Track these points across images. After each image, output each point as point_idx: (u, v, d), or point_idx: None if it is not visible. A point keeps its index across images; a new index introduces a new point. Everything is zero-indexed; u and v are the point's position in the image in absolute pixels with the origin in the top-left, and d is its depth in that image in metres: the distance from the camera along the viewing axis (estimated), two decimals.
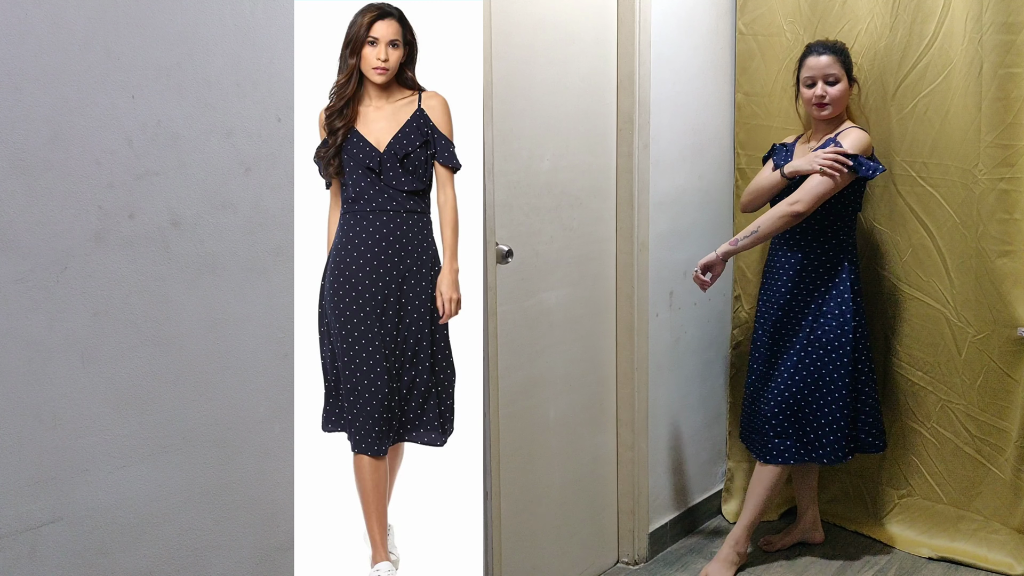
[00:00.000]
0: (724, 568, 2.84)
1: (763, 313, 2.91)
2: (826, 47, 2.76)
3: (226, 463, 1.80)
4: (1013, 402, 2.79)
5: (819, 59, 2.74)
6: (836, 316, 2.73)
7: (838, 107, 2.74)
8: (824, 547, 3.05)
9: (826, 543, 3.07)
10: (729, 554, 2.85)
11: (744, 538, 2.86)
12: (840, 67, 2.72)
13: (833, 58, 2.73)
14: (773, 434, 2.78)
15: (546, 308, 2.59)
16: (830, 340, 2.73)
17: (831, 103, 2.72)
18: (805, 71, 2.76)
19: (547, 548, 2.67)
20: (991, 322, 2.79)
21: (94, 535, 1.60)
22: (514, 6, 2.39)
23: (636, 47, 2.73)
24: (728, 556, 2.85)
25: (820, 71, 2.72)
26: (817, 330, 2.74)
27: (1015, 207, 2.70)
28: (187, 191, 1.68)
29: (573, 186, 2.65)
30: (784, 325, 2.82)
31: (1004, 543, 2.85)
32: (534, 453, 2.59)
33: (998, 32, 2.65)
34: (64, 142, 1.51)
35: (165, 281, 1.66)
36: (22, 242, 1.47)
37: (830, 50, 2.75)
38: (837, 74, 2.71)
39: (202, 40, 1.68)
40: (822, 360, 2.74)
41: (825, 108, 2.73)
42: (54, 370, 1.53)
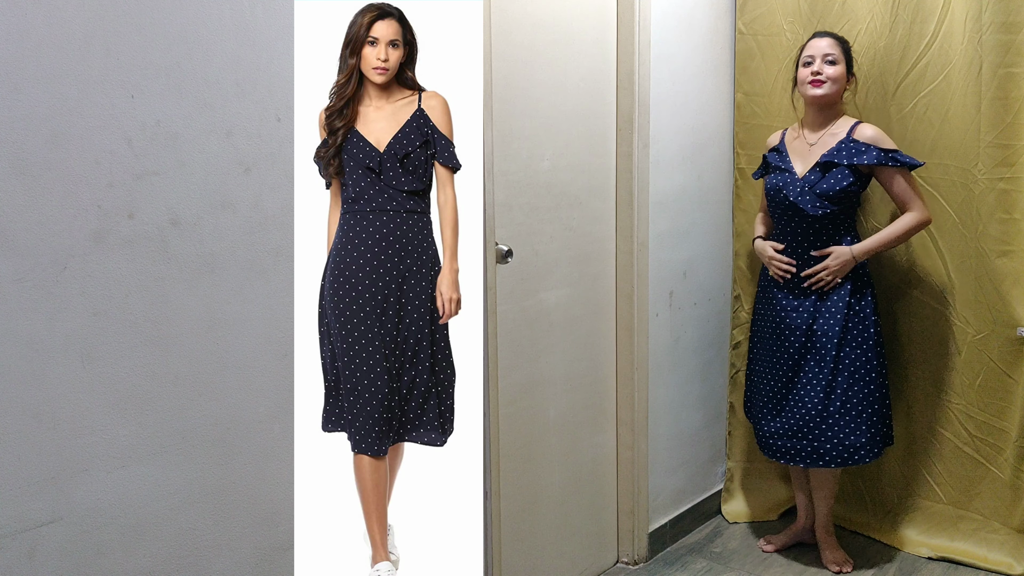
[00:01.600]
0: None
1: (779, 321, 2.82)
2: (828, 32, 2.78)
3: (226, 463, 1.79)
4: (1012, 402, 2.79)
5: (819, 40, 2.75)
6: (869, 311, 2.74)
7: (835, 88, 2.72)
8: None
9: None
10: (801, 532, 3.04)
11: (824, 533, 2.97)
12: (840, 52, 2.72)
13: (834, 41, 2.73)
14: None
15: (546, 308, 2.59)
16: (864, 338, 2.73)
17: (827, 81, 2.71)
18: (804, 52, 2.77)
19: (547, 548, 2.67)
20: (991, 322, 2.79)
21: (93, 535, 1.60)
22: (514, 6, 2.39)
23: (636, 47, 2.73)
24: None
25: (819, 51, 2.73)
26: (852, 329, 2.73)
27: (1015, 207, 2.70)
28: (187, 191, 1.68)
29: (573, 186, 2.65)
30: (814, 330, 2.76)
31: (1004, 543, 2.86)
32: (534, 453, 2.59)
33: (998, 32, 2.66)
34: (64, 142, 1.51)
35: (165, 281, 1.66)
36: (22, 242, 1.47)
37: (831, 35, 2.76)
38: (836, 56, 2.71)
39: (202, 40, 1.68)
40: (859, 357, 2.73)
41: (821, 85, 2.71)
42: (54, 370, 1.53)
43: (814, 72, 2.72)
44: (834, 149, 2.72)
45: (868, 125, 2.72)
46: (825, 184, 2.70)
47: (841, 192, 2.69)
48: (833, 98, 2.74)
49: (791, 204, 2.74)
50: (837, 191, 2.69)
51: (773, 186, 2.81)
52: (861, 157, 2.67)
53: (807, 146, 2.79)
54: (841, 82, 2.73)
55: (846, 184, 2.68)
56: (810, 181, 2.72)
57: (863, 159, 2.67)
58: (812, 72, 2.72)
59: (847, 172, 2.69)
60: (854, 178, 2.69)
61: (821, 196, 2.70)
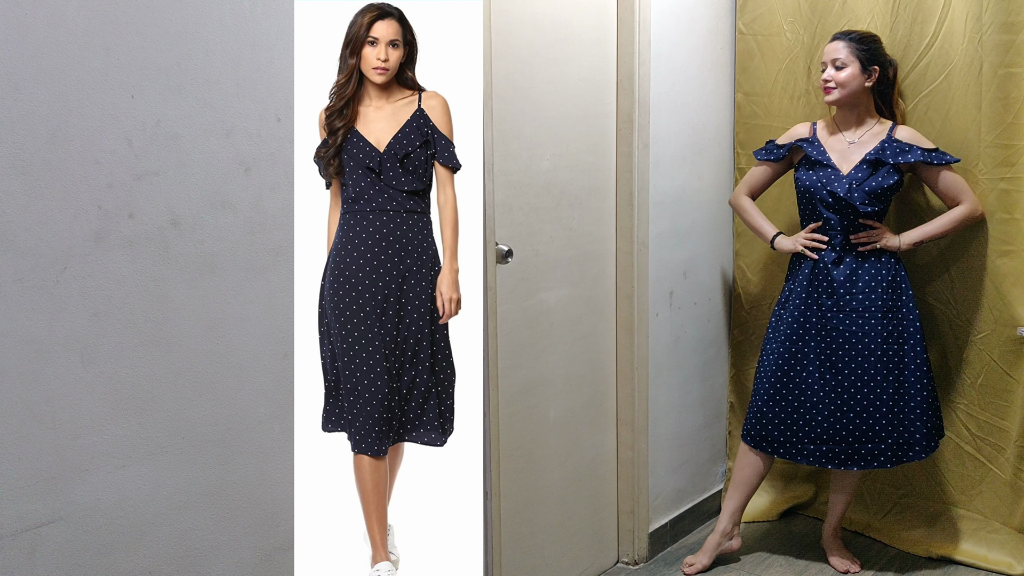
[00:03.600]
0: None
1: (821, 326, 2.77)
2: (842, 33, 2.77)
3: (226, 463, 1.79)
4: (1013, 401, 2.79)
5: (830, 44, 2.75)
6: (911, 304, 2.76)
7: (845, 92, 2.71)
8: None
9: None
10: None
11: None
12: (849, 52, 2.71)
13: (843, 43, 2.72)
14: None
15: (546, 308, 2.59)
16: (912, 333, 2.75)
17: (836, 87, 2.71)
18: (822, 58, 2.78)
19: (547, 548, 2.67)
20: (991, 322, 2.79)
21: (94, 535, 1.60)
22: (514, 6, 2.39)
23: (636, 47, 2.73)
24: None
25: (828, 55, 2.74)
26: (901, 326, 2.74)
27: (1015, 207, 2.70)
28: (187, 191, 1.68)
29: (573, 186, 2.65)
30: (859, 332, 2.74)
31: (1004, 543, 2.85)
32: (534, 453, 2.59)
33: (998, 32, 2.66)
34: (64, 142, 1.51)
35: (165, 281, 1.66)
36: (22, 242, 1.47)
37: (843, 36, 2.75)
38: (844, 59, 2.70)
39: (202, 40, 1.68)
40: (908, 352, 2.75)
41: (830, 92, 2.72)
42: (54, 370, 1.53)
43: (824, 79, 2.74)
44: (878, 148, 2.72)
45: (905, 127, 2.75)
46: (873, 182, 2.70)
47: (888, 190, 2.71)
48: (849, 99, 2.73)
49: (838, 200, 2.71)
50: (884, 188, 2.70)
51: (813, 182, 2.76)
52: (906, 156, 2.70)
53: (846, 144, 2.78)
54: (852, 83, 2.71)
55: (892, 183, 2.71)
56: (857, 179, 2.72)
57: (908, 158, 2.69)
58: (823, 79, 2.74)
59: (892, 171, 2.71)
60: (898, 176, 2.72)
61: (869, 194, 2.70)
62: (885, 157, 2.70)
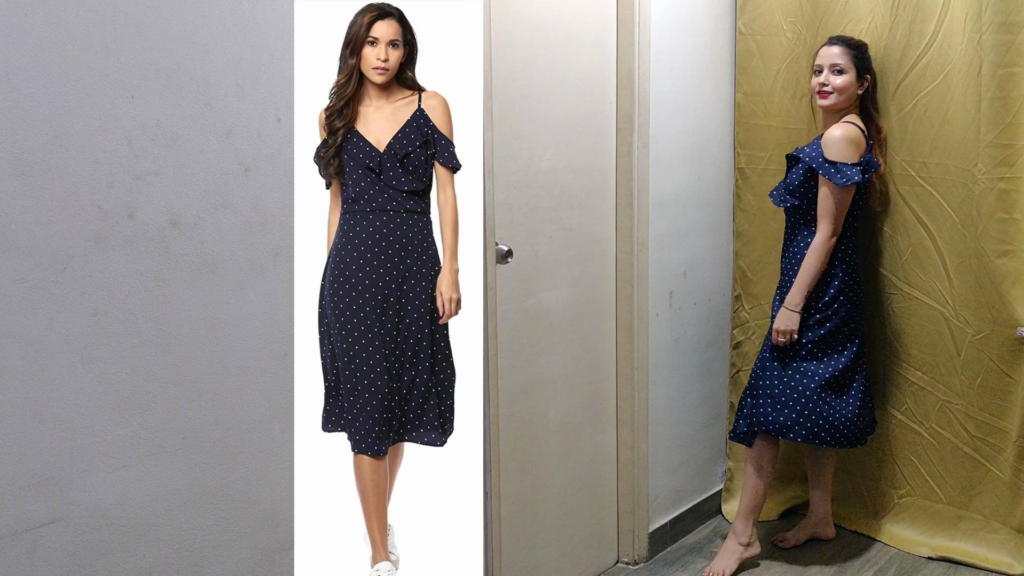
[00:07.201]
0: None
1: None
2: (840, 39, 2.77)
3: (226, 463, 1.79)
4: (1012, 402, 2.79)
5: (829, 48, 2.76)
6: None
7: (841, 98, 2.72)
8: (824, 547, 3.05)
9: (826, 543, 3.07)
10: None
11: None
12: (848, 59, 2.72)
13: (842, 49, 2.73)
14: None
15: (546, 308, 2.59)
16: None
17: (834, 92, 2.72)
18: (816, 59, 2.79)
19: (547, 548, 2.67)
20: (990, 322, 2.79)
21: (94, 535, 1.60)
22: (514, 6, 2.39)
23: (636, 47, 2.73)
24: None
25: (827, 60, 2.74)
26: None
27: (1015, 207, 2.70)
28: (187, 191, 1.68)
29: (573, 186, 2.65)
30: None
31: (1004, 543, 2.86)
32: (534, 453, 2.59)
33: (997, 32, 2.66)
34: (63, 142, 1.51)
35: (165, 281, 1.66)
36: (22, 242, 1.47)
37: (842, 42, 2.76)
38: (843, 65, 2.71)
39: (202, 40, 1.68)
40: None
41: (827, 97, 2.73)
42: (54, 370, 1.53)
43: (820, 83, 2.74)
44: (807, 145, 2.77)
45: (843, 126, 2.70)
46: (788, 178, 2.78)
47: (801, 187, 2.72)
48: (841, 106, 2.75)
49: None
50: (796, 185, 2.73)
51: None
52: (808, 154, 2.71)
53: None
54: (848, 91, 2.73)
55: (800, 180, 2.72)
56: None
57: (806, 157, 2.71)
58: (820, 83, 2.74)
59: (800, 169, 2.73)
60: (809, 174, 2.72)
61: (785, 189, 2.78)
62: (802, 154, 2.73)
